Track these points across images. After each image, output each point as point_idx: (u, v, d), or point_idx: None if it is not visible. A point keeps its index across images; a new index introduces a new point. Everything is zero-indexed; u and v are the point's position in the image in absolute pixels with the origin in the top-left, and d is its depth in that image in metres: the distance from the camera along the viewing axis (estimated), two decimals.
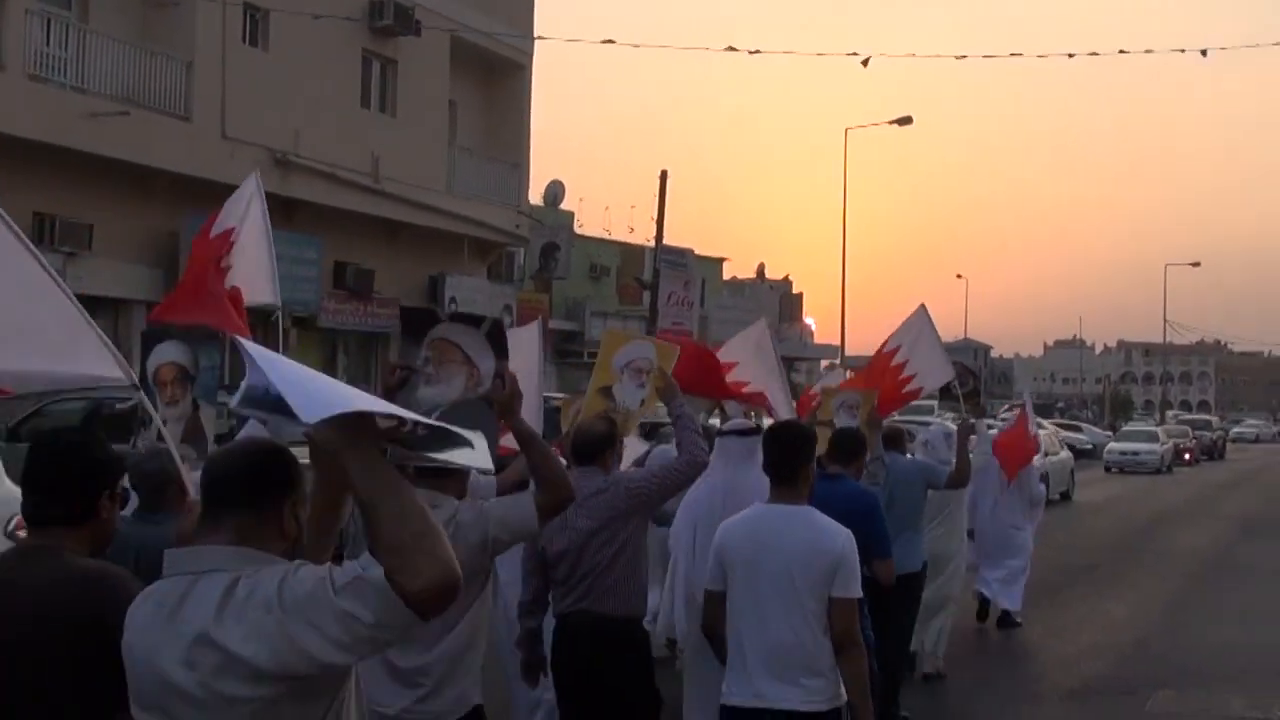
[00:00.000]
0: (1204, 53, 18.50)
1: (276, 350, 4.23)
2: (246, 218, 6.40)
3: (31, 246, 4.15)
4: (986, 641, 11.81)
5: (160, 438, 5.60)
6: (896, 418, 11.40)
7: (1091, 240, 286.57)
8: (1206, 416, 68.58)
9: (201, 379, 5.89)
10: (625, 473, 6.03)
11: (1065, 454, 28.69)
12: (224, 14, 21.33)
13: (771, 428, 5.51)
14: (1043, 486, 13.82)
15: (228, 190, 23.93)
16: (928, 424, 14.93)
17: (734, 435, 6.76)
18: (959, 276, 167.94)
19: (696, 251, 44.84)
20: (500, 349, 4.55)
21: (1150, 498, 29.25)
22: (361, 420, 2.37)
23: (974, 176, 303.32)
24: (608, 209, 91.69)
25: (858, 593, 4.75)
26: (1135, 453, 40.83)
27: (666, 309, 34.04)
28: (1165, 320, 74.24)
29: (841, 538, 4.73)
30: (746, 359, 8.02)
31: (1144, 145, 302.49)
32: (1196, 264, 74.12)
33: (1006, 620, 12.11)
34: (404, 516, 2.30)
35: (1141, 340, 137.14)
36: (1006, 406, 43.55)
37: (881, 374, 9.58)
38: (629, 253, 41.25)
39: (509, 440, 4.65)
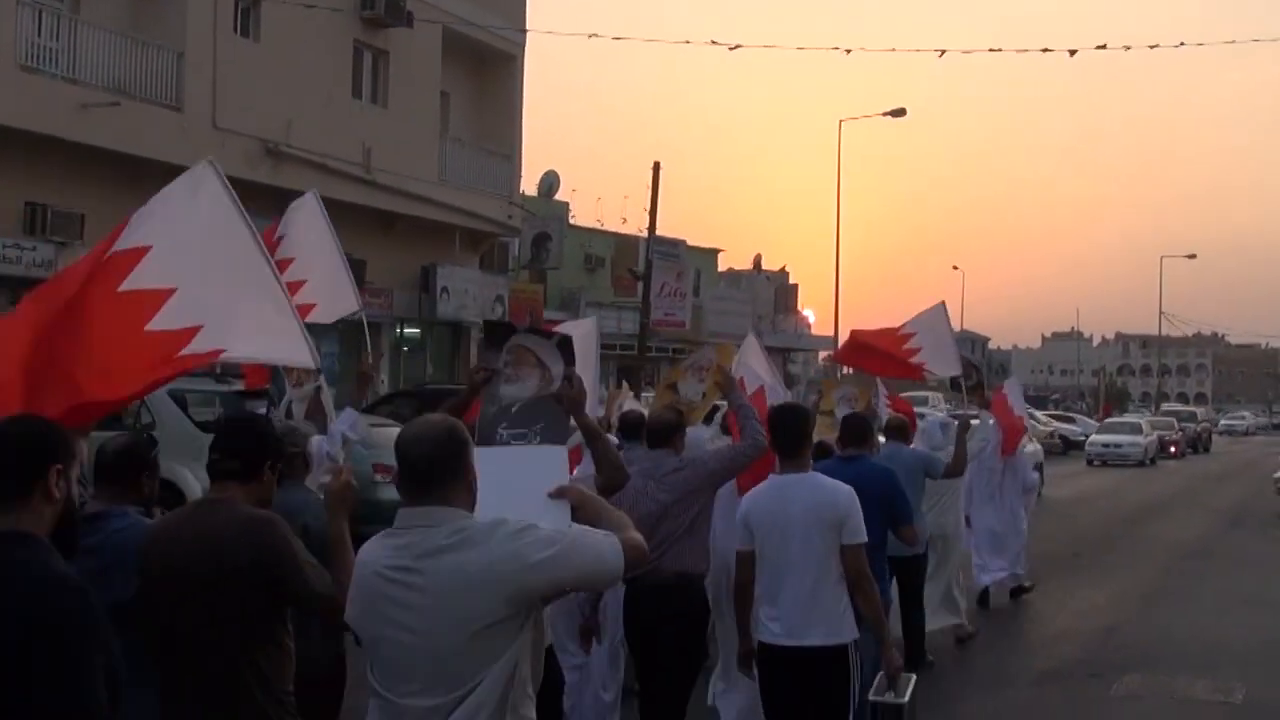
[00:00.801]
0: (1179, 45, 18.79)
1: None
2: (310, 235, 6.37)
3: (260, 241, 4.80)
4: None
5: (289, 415, 6.59)
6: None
7: (1089, 232, 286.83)
8: (1192, 408, 66.47)
9: (323, 364, 6.40)
10: (699, 454, 6.84)
11: (1034, 446, 27.97)
12: (215, 4, 21.46)
13: (774, 410, 6.34)
14: (1035, 474, 14.48)
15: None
16: (922, 414, 15.32)
17: None
18: (955, 268, 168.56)
19: (691, 243, 45.01)
20: (569, 356, 5.36)
21: (1132, 490, 29.35)
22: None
23: (970, 169, 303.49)
24: (600, 200, 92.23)
25: (864, 538, 5.52)
26: (1118, 445, 39.85)
27: (659, 300, 34.23)
28: (1161, 312, 74.71)
29: (844, 494, 5.54)
30: (747, 369, 8.70)
31: (1141, 138, 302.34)
32: (1193, 256, 74.91)
33: (1019, 591, 13.07)
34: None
35: (1139, 332, 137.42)
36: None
37: (888, 341, 10.58)
38: (624, 243, 41.37)
39: None
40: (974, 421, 11.05)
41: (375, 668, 3.27)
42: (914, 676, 5.91)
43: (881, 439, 9.39)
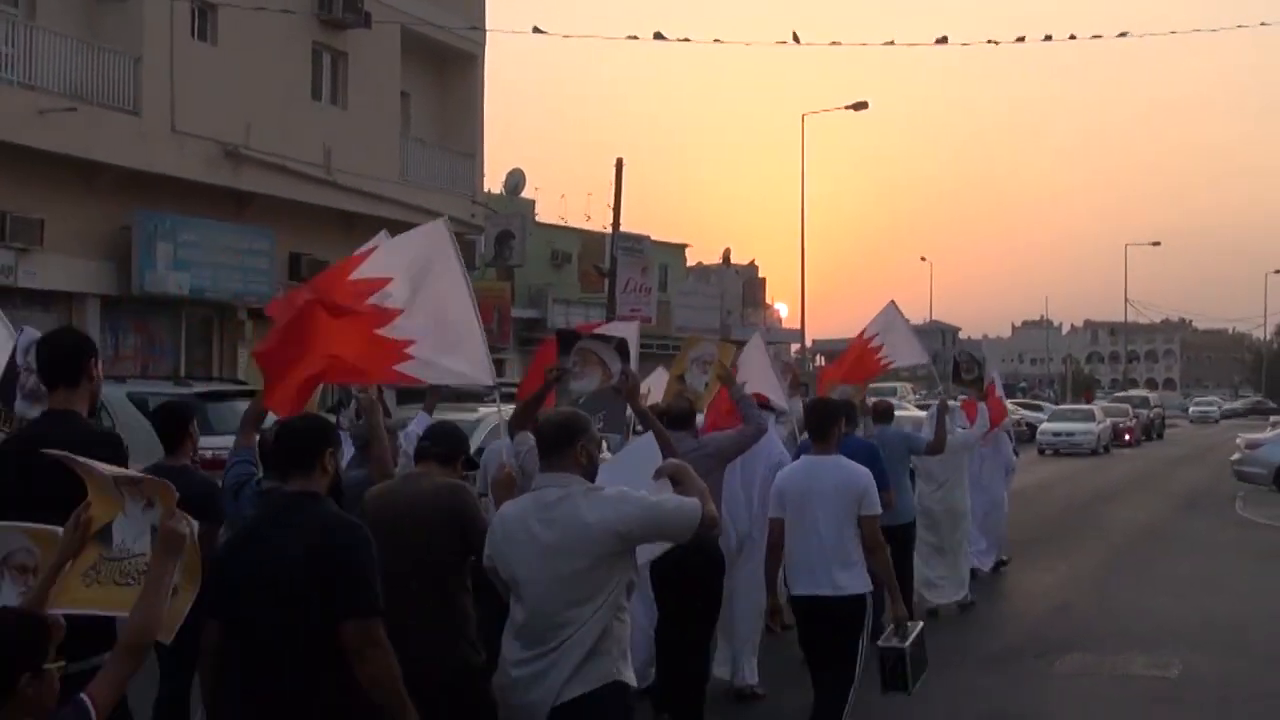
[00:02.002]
0: (1122, 35, 19.33)
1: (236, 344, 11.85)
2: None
3: (464, 268, 6.24)
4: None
5: (359, 416, 7.53)
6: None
7: (1055, 221, 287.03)
8: (1145, 393, 61.86)
9: None
10: (710, 436, 8.11)
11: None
12: (171, 9, 21.43)
13: (811, 402, 7.97)
14: (1014, 456, 15.55)
15: (178, 183, 24.04)
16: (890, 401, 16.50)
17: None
18: (923, 259, 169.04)
19: (660, 238, 45.17)
20: (625, 356, 6.66)
21: (1089, 477, 29.54)
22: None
23: (934, 160, 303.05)
24: (564, 197, 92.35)
25: (878, 510, 6.84)
26: (1070, 433, 38.74)
27: (624, 295, 34.31)
28: (1126, 299, 75.49)
29: (863, 474, 6.84)
30: (749, 369, 9.94)
31: (1103, 126, 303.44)
32: (1156, 243, 75.44)
33: (999, 566, 14.25)
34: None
35: (1108, 319, 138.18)
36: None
37: (860, 353, 12.09)
38: (590, 240, 41.47)
39: None
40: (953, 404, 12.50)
41: (515, 586, 4.50)
42: (920, 625, 7.04)
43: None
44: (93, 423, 4.94)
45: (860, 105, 42.39)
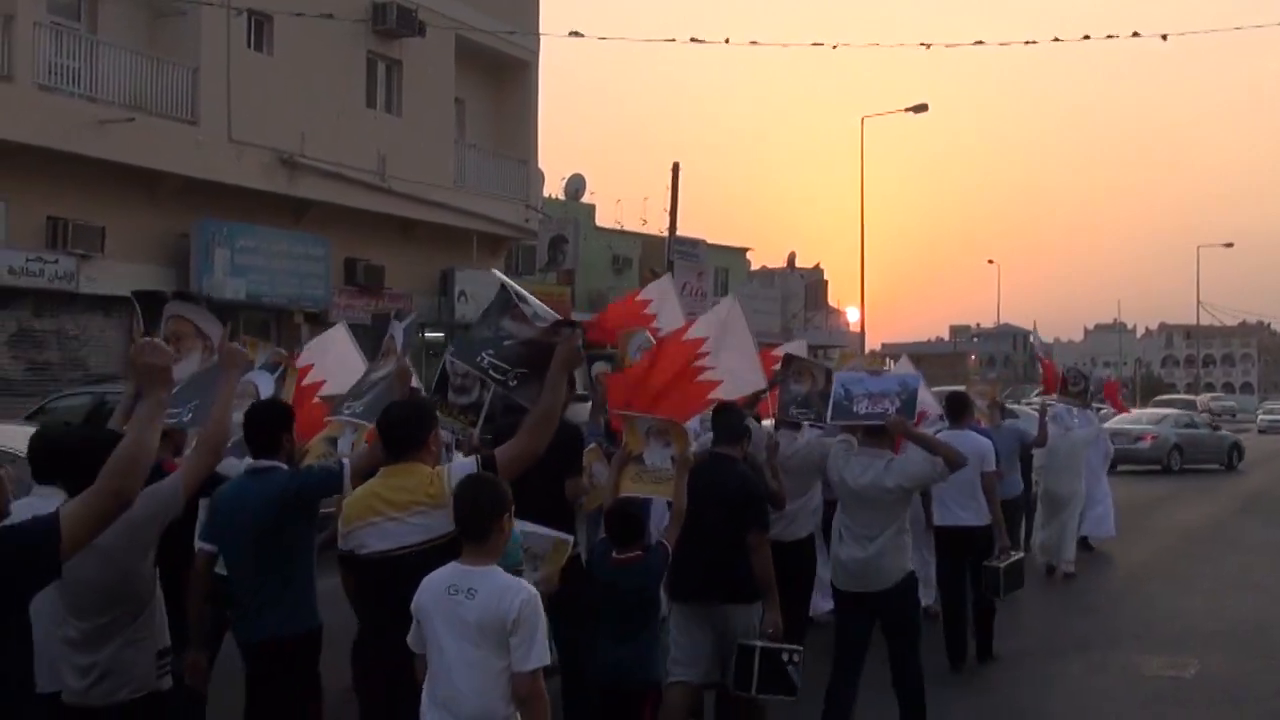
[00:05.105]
0: (1164, 38, 19.46)
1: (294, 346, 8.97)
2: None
3: (745, 323, 8.22)
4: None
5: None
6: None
7: (1127, 222, 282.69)
8: (1189, 396, 57.69)
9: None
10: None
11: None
12: (228, 20, 21.96)
13: (950, 394, 10.80)
14: (1111, 445, 17.87)
15: (235, 191, 24.56)
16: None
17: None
18: (990, 262, 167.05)
19: (723, 243, 45.27)
20: (786, 363, 8.88)
21: (1143, 482, 29.13)
22: None
23: (1000, 162, 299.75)
24: (620, 202, 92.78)
25: (994, 468, 9.84)
26: None
27: (680, 299, 34.46)
28: (1199, 302, 74.17)
29: (985, 443, 9.88)
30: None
31: (1174, 127, 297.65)
32: (1229, 245, 73.66)
33: (1086, 544, 15.78)
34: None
35: (1183, 323, 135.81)
36: (1037, 391, 42.44)
37: (1050, 373, 15.77)
38: (650, 244, 41.72)
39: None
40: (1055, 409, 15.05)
41: (846, 514, 7.47)
42: (1021, 555, 9.79)
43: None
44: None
45: (921, 108, 42.05)
